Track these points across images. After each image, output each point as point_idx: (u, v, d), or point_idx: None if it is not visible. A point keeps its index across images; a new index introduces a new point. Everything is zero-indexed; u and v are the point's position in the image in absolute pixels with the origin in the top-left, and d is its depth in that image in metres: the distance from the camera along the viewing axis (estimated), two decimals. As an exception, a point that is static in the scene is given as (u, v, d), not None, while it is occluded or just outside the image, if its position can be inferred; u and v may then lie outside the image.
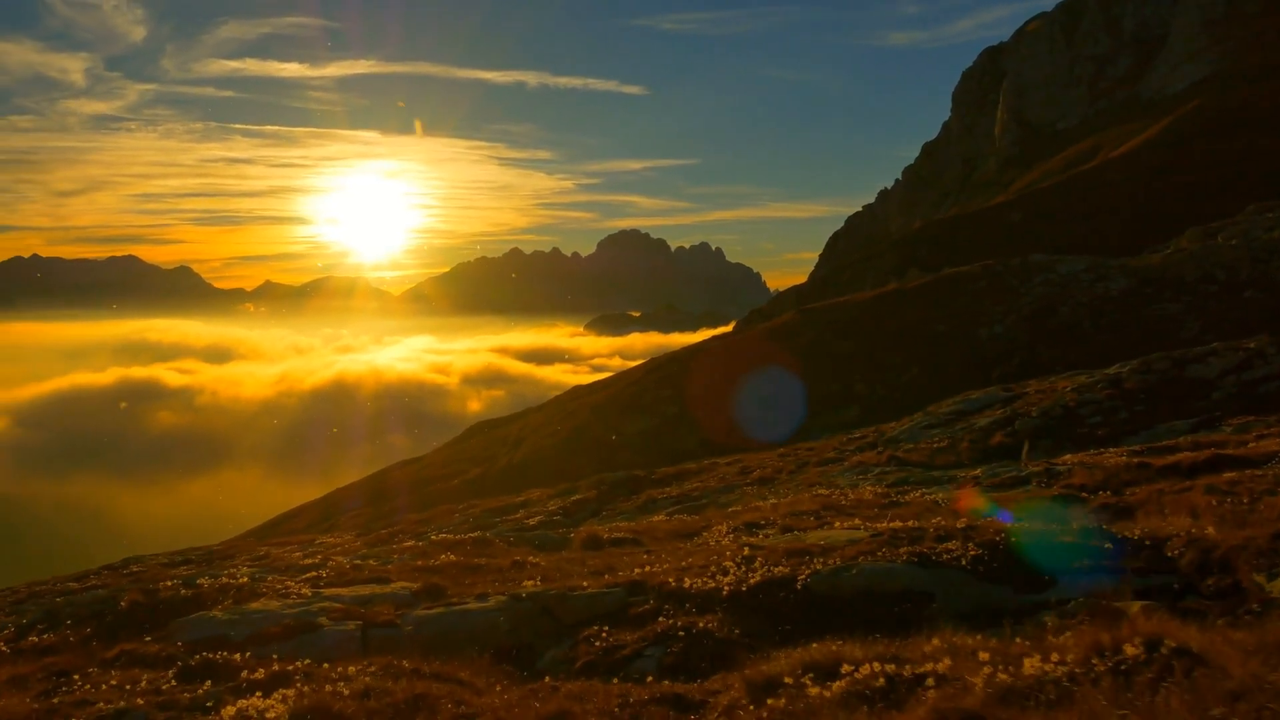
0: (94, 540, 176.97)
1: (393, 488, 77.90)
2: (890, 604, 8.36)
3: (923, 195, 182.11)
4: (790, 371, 60.21)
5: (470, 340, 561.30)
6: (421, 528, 38.05)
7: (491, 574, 11.21)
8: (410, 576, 10.89)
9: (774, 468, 35.34)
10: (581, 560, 12.01)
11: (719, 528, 15.20)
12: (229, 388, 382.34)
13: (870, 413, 49.98)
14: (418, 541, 15.01)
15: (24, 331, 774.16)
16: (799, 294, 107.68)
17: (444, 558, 12.40)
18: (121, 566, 43.66)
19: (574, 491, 39.92)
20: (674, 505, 31.81)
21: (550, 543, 15.72)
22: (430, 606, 9.47)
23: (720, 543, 12.34)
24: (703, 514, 20.23)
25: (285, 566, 11.90)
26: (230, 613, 9.04)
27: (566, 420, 76.15)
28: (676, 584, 9.27)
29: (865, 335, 62.75)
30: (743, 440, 51.41)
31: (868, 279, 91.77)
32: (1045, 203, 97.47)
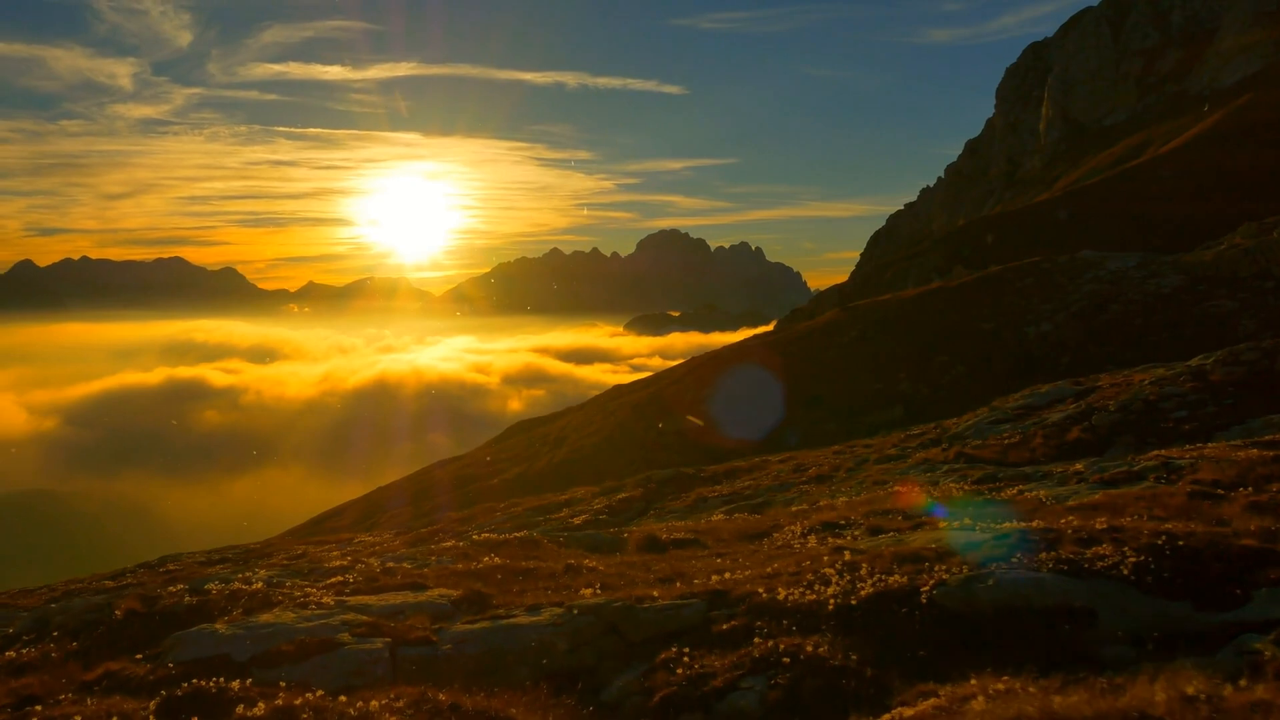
0: (140, 537, 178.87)
1: (434, 486, 77.71)
2: (1043, 623, 6.69)
3: (966, 193, 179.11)
4: (833, 370, 59.67)
5: (511, 340, 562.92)
6: (463, 526, 36.72)
7: (542, 579, 9.70)
8: (450, 582, 9.42)
9: (830, 465, 33.58)
10: (644, 564, 10.45)
11: (792, 528, 13.60)
12: (273, 387, 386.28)
13: (915, 412, 49.10)
14: (458, 541, 13.57)
15: (74, 332, 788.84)
16: (841, 292, 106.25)
17: (487, 560, 10.91)
18: (158, 564, 42.84)
19: (619, 490, 38.44)
20: (726, 504, 30.22)
21: (604, 544, 14.19)
22: (473, 619, 7.96)
23: (803, 545, 10.72)
24: (765, 513, 18.63)
25: (309, 570, 10.50)
26: (236, 626, 7.59)
27: (607, 419, 75.00)
28: (768, 595, 7.67)
29: (910, 333, 61.58)
30: (782, 438, 50.25)
31: (911, 277, 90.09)
32: (1093, 199, 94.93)
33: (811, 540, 11.70)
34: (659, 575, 9.59)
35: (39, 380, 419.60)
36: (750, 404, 61.66)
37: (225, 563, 42.90)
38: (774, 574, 8.54)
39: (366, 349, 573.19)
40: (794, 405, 57.56)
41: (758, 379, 65.52)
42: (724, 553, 11.38)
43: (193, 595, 8.95)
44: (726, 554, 11.16)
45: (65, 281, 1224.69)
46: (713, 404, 66.16)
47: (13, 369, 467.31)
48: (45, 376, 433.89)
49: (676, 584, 8.76)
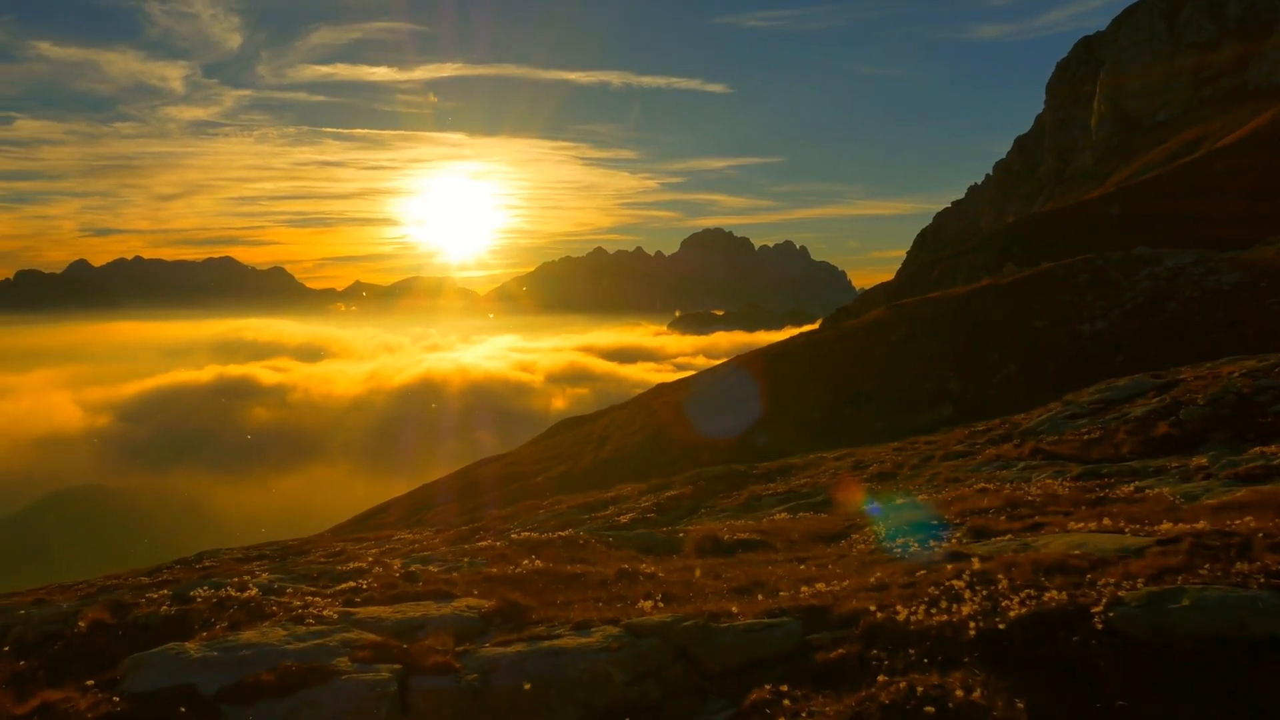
0: (190, 532, 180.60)
1: (477, 484, 77.53)
2: (1271, 659, 4.93)
3: (1015, 190, 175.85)
4: (881, 369, 58.55)
5: (555, 339, 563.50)
6: (504, 524, 35.30)
7: (591, 588, 8.09)
8: (481, 590, 7.84)
9: (892, 462, 31.69)
10: (711, 570, 8.78)
11: (874, 528, 11.90)
12: (321, 385, 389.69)
13: (964, 411, 47.71)
14: (495, 541, 12.02)
15: (127, 330, 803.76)
16: (887, 291, 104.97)
17: (527, 563, 9.31)
18: (195, 560, 41.96)
19: (668, 487, 36.79)
20: (782, 503, 28.46)
21: (658, 544, 12.56)
22: (507, 639, 6.35)
23: (900, 550, 8.99)
24: (834, 512, 16.91)
25: (319, 574, 8.99)
26: (211, 646, 6.06)
27: (651, 418, 73.66)
28: (883, 614, 5.96)
29: (959, 332, 60.22)
30: (830, 437, 48.84)
31: (959, 275, 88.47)
32: (1147, 195, 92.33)
33: (901, 540, 9.98)
34: (732, 584, 7.93)
35: (93, 378, 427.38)
36: (796, 403, 60.30)
37: (263, 559, 41.88)
38: (880, 585, 6.84)
39: (413, 348, 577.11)
40: (840, 404, 56.57)
41: (804, 378, 63.84)
42: (802, 556, 9.68)
43: (173, 605, 7.47)
44: (807, 558, 9.47)
45: (119, 281, 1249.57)
46: (756, 403, 64.93)
47: (68, 367, 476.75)
48: (99, 374, 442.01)
49: (757, 596, 7.10)
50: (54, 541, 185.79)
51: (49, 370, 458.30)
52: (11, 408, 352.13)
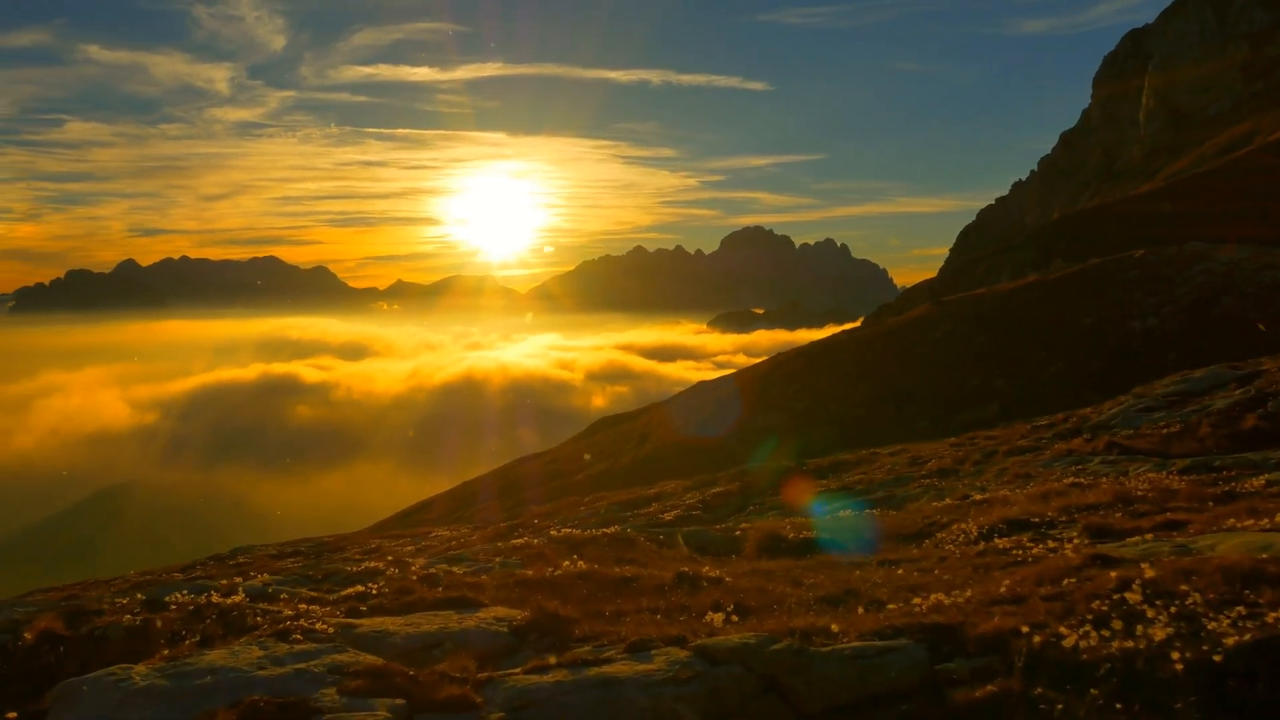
0: (235, 528, 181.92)
1: (518, 482, 77.63)
2: None
3: (1061, 186, 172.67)
4: (926, 366, 57.69)
5: (595, 337, 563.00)
6: (544, 522, 34.10)
7: (646, 595, 6.70)
8: (514, 597, 6.48)
9: (952, 458, 30.03)
10: (786, 574, 7.34)
11: (962, 526, 10.40)
12: (363, 383, 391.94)
13: (1011, 409, 46.94)
14: (532, 538, 10.67)
15: (174, 329, 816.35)
16: (931, 288, 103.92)
17: (567, 565, 7.93)
18: (229, 557, 41.18)
19: (713, 484, 35.36)
20: (836, 500, 26.90)
21: (715, 543, 11.14)
22: (543, 663, 4.96)
23: (1019, 550, 7.49)
24: (905, 509, 15.37)
25: (322, 576, 7.71)
26: (164, 671, 4.72)
27: (691, 416, 72.66)
28: (1042, 637, 4.48)
29: (1005, 328, 59.29)
30: (872, 435, 47.47)
31: (1004, 271, 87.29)
32: (1198, 190, 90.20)
33: (1002, 542, 8.50)
34: (819, 592, 6.48)
35: (141, 376, 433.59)
36: (839, 401, 59.40)
37: (297, 555, 41.01)
38: (1015, 597, 5.36)
39: (454, 346, 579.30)
40: (884, 402, 55.63)
41: (848, 375, 62.72)
42: (891, 559, 8.21)
43: (141, 613, 6.19)
44: (897, 560, 7.99)
45: (166, 280, 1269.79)
46: (801, 399, 62.85)
47: (117, 365, 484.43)
48: (147, 372, 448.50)
49: (856, 609, 5.66)
50: (103, 537, 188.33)
51: (98, 368, 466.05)
52: (62, 405, 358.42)
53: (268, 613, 5.93)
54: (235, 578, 7.52)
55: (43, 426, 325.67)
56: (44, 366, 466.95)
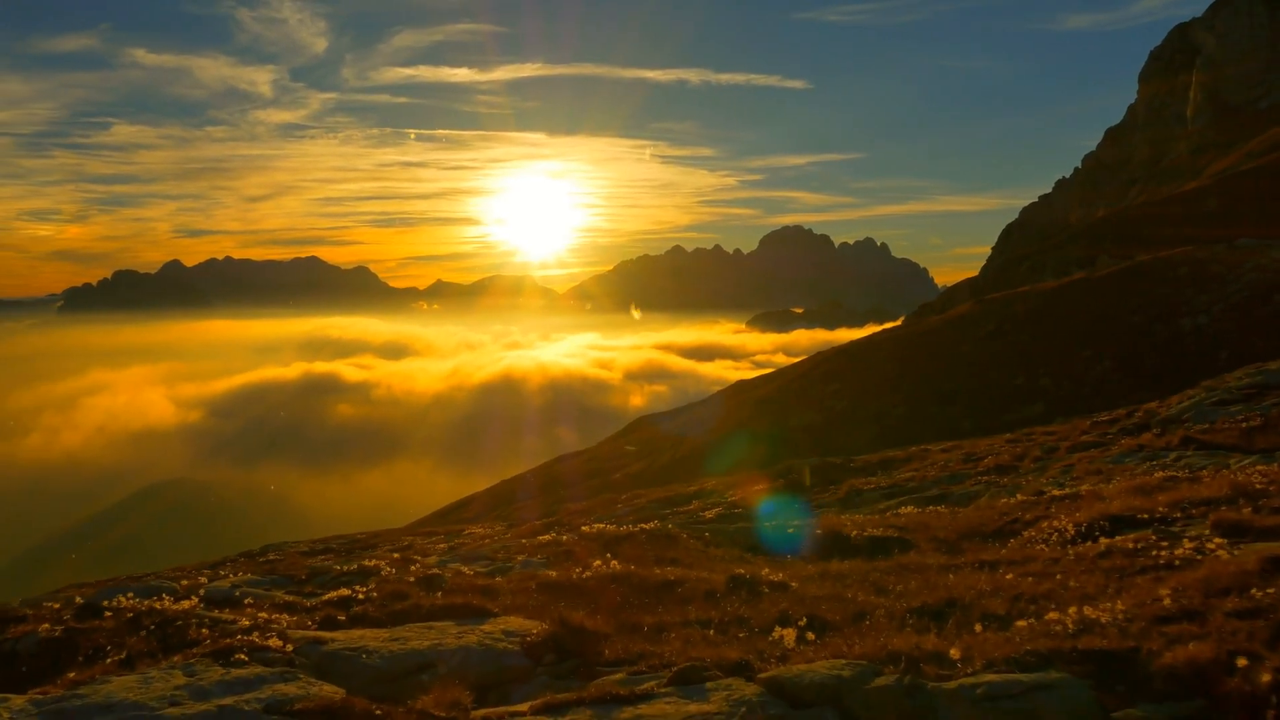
0: (277, 524, 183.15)
1: (556, 480, 77.38)
2: None
3: (1106, 183, 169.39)
4: (968, 365, 56.75)
5: (633, 337, 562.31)
6: (581, 519, 32.91)
7: (694, 604, 5.41)
8: (531, 604, 5.22)
9: (1010, 454, 28.42)
10: (865, 578, 6.01)
11: (1053, 523, 9.01)
12: (403, 382, 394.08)
13: (1057, 409, 45.99)
14: (561, 534, 9.42)
15: (219, 328, 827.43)
16: (973, 286, 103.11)
17: (599, 565, 6.66)
18: (260, 553, 40.47)
19: (756, 481, 33.96)
20: (888, 497, 25.51)
21: (768, 542, 9.83)
22: (561, 699, 3.67)
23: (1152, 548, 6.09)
24: (975, 506, 13.93)
25: (308, 575, 6.52)
26: (43, 709, 3.50)
27: (730, 415, 71.68)
28: (1266, 676, 3.14)
29: (1051, 327, 58.18)
30: (913, 435, 45.96)
31: (1048, 269, 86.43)
32: (1247, 187, 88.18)
33: (1124, 541, 7.10)
34: (911, 601, 5.15)
35: (186, 374, 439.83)
36: (880, 400, 58.57)
37: (329, 553, 40.21)
38: (1190, 611, 4.01)
39: (493, 345, 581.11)
40: (926, 401, 54.55)
41: (888, 374, 61.54)
42: (985, 560, 6.84)
43: (71, 621, 5.00)
44: (995, 562, 6.62)
45: (210, 280, 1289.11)
46: (841, 399, 61.91)
47: (162, 364, 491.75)
48: (192, 371, 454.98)
49: (973, 627, 4.32)
50: (148, 533, 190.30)
51: (144, 367, 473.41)
52: (109, 403, 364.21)
53: (219, 623, 4.73)
54: (201, 577, 6.38)
55: (89, 424, 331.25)
56: (91, 365, 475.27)
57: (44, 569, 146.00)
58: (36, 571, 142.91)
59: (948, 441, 37.29)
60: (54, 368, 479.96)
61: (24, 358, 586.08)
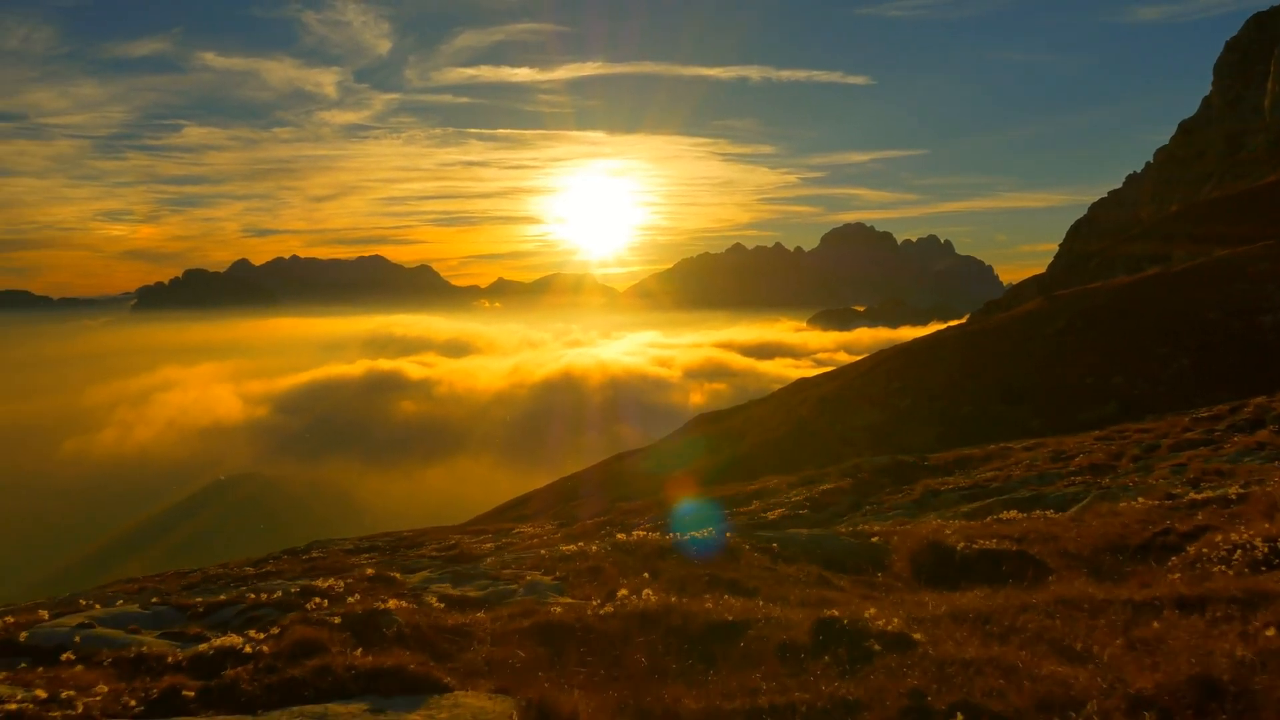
0: (340, 519, 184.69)
1: (614, 477, 76.53)
2: None
3: (1179, 177, 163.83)
4: (1037, 363, 55.64)
5: (694, 335, 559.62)
6: (633, 518, 31.06)
7: (763, 666, 3.41)
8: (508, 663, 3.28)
9: (1105, 453, 25.94)
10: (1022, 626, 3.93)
11: (1227, 537, 6.90)
12: (465, 379, 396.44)
13: (1131, 408, 44.87)
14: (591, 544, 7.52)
15: (285, 326, 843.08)
16: (1040, 283, 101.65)
17: (627, 593, 4.68)
18: (304, 551, 39.23)
19: (821, 480, 31.77)
20: (968, 499, 23.14)
21: (847, 555, 7.80)
22: None
23: None
24: (1094, 511, 11.71)
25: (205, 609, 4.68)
26: None
27: (791, 413, 70.29)
28: None
29: (1123, 324, 56.75)
30: (980, 434, 45.27)
31: (1119, 266, 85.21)
32: None
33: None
34: (1132, 678, 3.12)
35: (253, 371, 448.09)
36: (946, 398, 57.31)
37: (374, 551, 38.74)
38: None
39: (555, 343, 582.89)
40: (993, 400, 53.58)
41: (954, 373, 60.16)
42: (1176, 595, 4.72)
43: None
44: (1203, 599, 4.51)
45: (277, 279, 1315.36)
46: (904, 397, 60.56)
47: (230, 361, 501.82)
48: (259, 368, 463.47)
49: None
50: (216, 526, 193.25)
51: (213, 364, 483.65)
52: (180, 399, 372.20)
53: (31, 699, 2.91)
54: (41, 611, 4.62)
55: (161, 420, 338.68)
56: (162, 362, 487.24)
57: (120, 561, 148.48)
58: (114, 563, 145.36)
59: (1027, 440, 34.77)
60: (127, 364, 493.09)
61: (99, 355, 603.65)
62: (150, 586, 34.22)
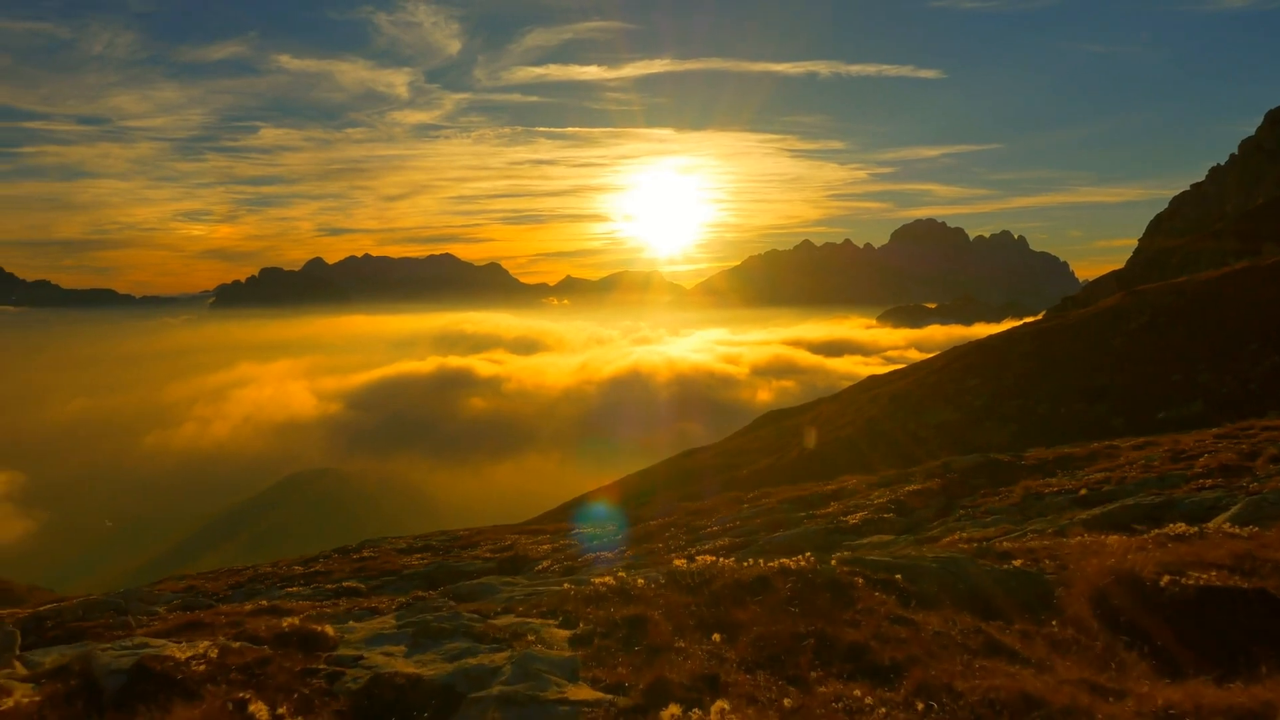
0: (410, 514, 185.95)
1: (681, 475, 73.57)
2: None
3: (1267, 169, 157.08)
4: (1118, 360, 54.32)
5: (762, 332, 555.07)
6: (699, 520, 28.82)
7: None
8: None
9: (1235, 452, 22.98)
10: None
11: None
12: (533, 376, 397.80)
13: (1218, 407, 42.92)
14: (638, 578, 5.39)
15: (358, 324, 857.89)
16: (1119, 279, 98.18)
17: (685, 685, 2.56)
18: (356, 550, 37.62)
19: (907, 480, 29.11)
20: (1080, 505, 20.31)
21: (992, 587, 5.55)
22: None
23: None
24: None
25: None
26: None
27: (861, 410, 68.80)
28: None
29: (1210, 319, 55.04)
30: (1058, 433, 43.49)
31: (1203, 260, 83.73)
32: None
33: None
34: None
35: (327, 368, 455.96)
36: (1023, 397, 55.33)
37: (427, 550, 36.88)
38: None
39: (623, 341, 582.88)
40: (1071, 398, 51.96)
41: (1031, 370, 58.33)
42: None
43: None
44: None
45: (350, 277, 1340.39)
46: (979, 395, 58.67)
47: (305, 357, 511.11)
48: (333, 364, 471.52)
49: None
50: (291, 520, 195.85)
51: (288, 361, 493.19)
52: (256, 395, 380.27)
53: None
54: None
55: (238, 415, 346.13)
56: (240, 359, 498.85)
57: (202, 553, 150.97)
58: (197, 555, 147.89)
59: (1133, 438, 31.69)
60: (206, 361, 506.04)
61: (179, 352, 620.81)
62: (198, 585, 33.03)
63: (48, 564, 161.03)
